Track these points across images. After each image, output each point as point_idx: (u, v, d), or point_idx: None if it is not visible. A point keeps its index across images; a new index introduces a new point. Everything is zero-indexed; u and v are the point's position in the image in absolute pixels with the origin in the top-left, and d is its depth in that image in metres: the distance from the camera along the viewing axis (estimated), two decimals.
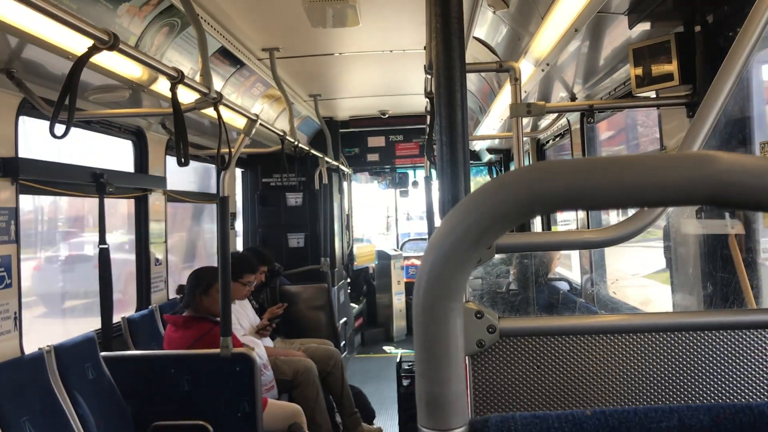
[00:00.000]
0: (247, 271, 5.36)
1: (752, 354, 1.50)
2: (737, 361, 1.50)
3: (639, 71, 3.14)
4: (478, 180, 11.31)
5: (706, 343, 1.52)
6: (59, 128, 2.54)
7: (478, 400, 1.53)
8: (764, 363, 1.50)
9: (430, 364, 0.50)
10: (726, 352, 1.51)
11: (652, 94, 3.22)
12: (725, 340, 1.52)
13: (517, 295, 5.16)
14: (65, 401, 3.54)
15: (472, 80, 5.94)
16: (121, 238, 6.19)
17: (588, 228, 4.78)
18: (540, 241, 1.95)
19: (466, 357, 1.51)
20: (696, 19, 2.88)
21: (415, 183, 11.61)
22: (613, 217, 5.15)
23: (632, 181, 0.47)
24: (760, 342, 1.51)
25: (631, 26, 3.00)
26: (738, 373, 1.50)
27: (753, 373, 1.50)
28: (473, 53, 4.63)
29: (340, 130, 9.48)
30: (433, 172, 6.10)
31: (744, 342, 1.51)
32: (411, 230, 13.49)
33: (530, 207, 0.47)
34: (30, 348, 3.57)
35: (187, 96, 3.56)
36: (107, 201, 4.39)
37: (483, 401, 1.53)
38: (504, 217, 0.48)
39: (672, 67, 2.97)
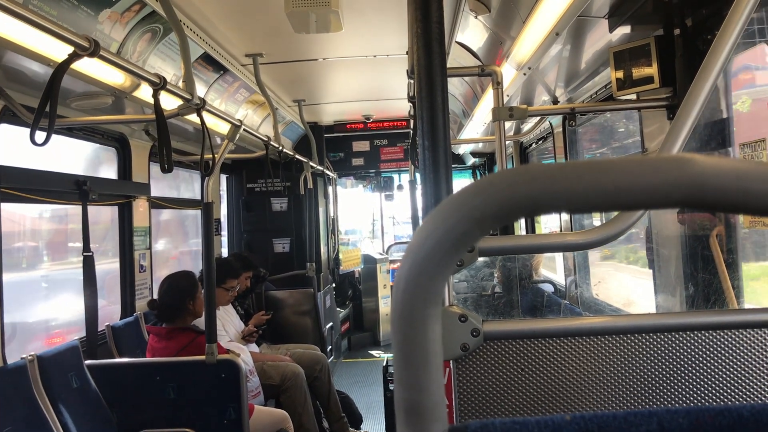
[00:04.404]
0: (230, 276, 5.34)
1: (734, 354, 1.52)
2: (719, 361, 1.52)
3: (620, 74, 3.16)
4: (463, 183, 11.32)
5: (689, 344, 1.53)
6: (40, 135, 2.52)
7: (463, 404, 1.53)
8: (746, 362, 1.51)
9: (408, 372, 0.50)
10: (708, 353, 1.52)
11: (633, 97, 3.25)
12: (707, 340, 1.53)
13: (502, 297, 5.17)
14: (48, 411, 3.50)
15: (456, 84, 5.96)
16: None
17: (571, 230, 4.81)
18: (523, 244, 1.96)
19: (451, 361, 1.51)
20: (675, 22, 2.91)
21: (400, 187, 11.63)
22: (596, 219, 5.18)
23: (609, 185, 0.47)
24: (741, 342, 1.52)
25: (611, 30, 3.02)
26: (720, 372, 1.51)
27: (735, 372, 1.51)
28: (456, 58, 4.65)
29: (325, 135, 9.47)
30: (418, 175, 6.10)
31: (726, 342, 1.52)
32: (399, 233, 13.48)
33: (507, 211, 0.48)
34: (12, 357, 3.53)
35: (170, 102, 3.54)
36: None
37: (467, 405, 1.53)
38: (482, 222, 0.48)
39: (652, 70, 3.00)
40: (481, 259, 1.95)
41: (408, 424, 0.51)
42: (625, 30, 3.07)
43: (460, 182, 10.97)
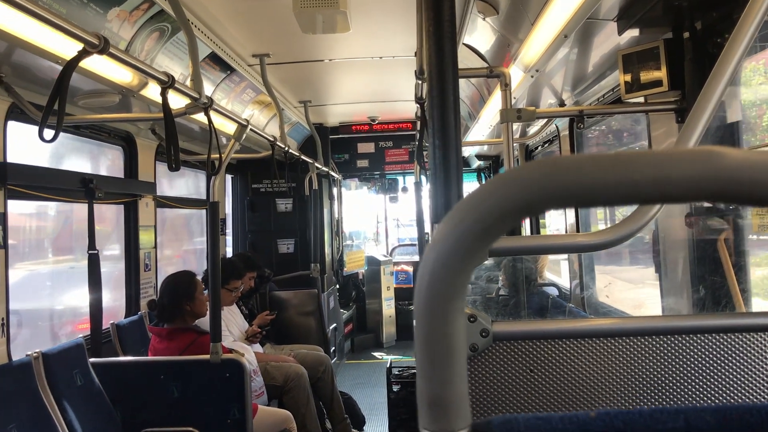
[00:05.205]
0: (233, 276, 5.33)
1: (741, 357, 1.51)
2: (729, 364, 1.51)
3: (628, 77, 3.15)
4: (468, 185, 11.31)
5: (697, 347, 1.52)
6: (48, 133, 2.53)
7: (473, 404, 1.52)
8: (756, 365, 1.50)
9: (432, 366, 0.49)
10: (716, 356, 1.52)
11: (641, 100, 3.24)
12: (715, 343, 1.52)
13: (508, 299, 5.16)
14: (53, 408, 3.51)
15: (462, 86, 5.95)
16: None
17: (577, 232, 4.80)
18: (533, 245, 1.95)
19: None
20: (685, 25, 2.90)
21: (404, 189, 11.62)
22: (601, 222, 5.17)
23: (638, 178, 0.46)
24: (749, 345, 1.52)
25: (620, 32, 3.01)
26: (729, 375, 1.50)
27: (742, 375, 1.50)
28: (463, 59, 4.64)
29: (330, 136, 9.48)
30: (423, 178, 6.11)
31: (734, 345, 1.52)
32: (402, 236, 13.45)
33: (536, 203, 0.47)
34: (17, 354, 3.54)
35: (177, 101, 3.55)
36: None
37: (477, 406, 1.52)
38: (508, 214, 0.48)
39: (661, 74, 2.99)
40: (486, 261, 1.95)
41: (431, 419, 0.51)
42: (633, 33, 3.06)
43: (466, 185, 10.95)
